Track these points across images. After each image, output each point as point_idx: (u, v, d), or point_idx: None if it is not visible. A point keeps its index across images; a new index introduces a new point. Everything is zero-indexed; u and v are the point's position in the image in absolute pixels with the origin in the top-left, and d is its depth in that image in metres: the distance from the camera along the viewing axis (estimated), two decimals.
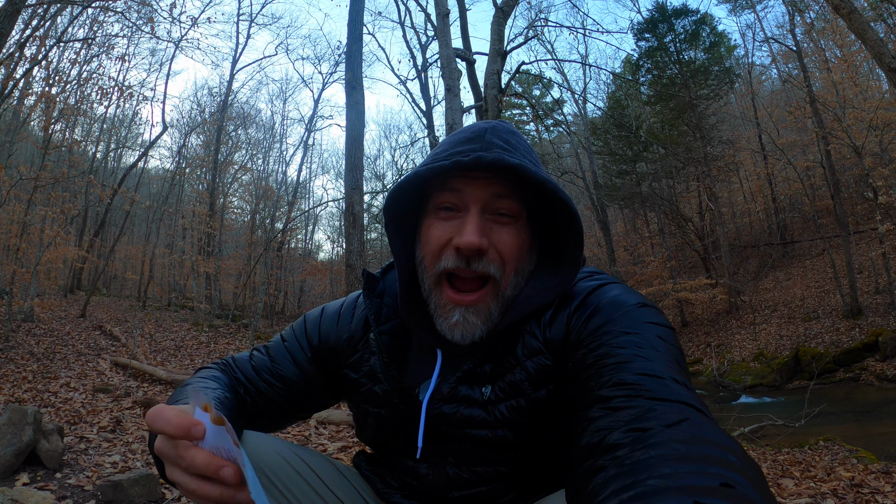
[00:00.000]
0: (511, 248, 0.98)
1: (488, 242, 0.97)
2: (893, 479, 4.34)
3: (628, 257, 32.53)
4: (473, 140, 0.99)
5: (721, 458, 0.57)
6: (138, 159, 25.48)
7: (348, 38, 8.71)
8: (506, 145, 0.98)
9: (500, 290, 0.99)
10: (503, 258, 0.98)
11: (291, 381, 1.18)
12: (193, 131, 29.30)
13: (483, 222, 0.97)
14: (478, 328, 0.98)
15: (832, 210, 22.49)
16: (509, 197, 0.98)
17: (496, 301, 0.99)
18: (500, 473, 1.02)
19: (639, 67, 26.79)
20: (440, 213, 1.01)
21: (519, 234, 1.00)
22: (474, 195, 0.98)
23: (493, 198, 0.98)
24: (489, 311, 0.99)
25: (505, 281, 0.99)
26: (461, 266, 0.97)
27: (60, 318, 16.48)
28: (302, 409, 1.24)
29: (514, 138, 1.02)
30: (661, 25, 25.17)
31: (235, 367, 1.21)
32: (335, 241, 40.20)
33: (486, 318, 0.99)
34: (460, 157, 0.95)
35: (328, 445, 4.82)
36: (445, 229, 1.00)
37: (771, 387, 15.67)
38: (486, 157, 0.93)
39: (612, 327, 0.89)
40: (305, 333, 1.21)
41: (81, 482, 3.21)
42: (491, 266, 0.97)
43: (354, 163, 8.16)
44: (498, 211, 0.98)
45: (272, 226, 27.16)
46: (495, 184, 0.97)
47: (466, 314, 0.98)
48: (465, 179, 0.98)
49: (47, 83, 15.98)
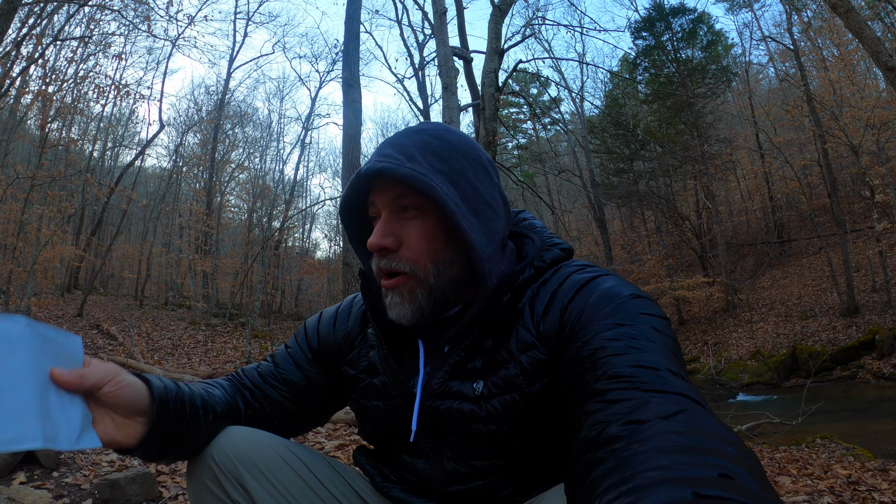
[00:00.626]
0: (417, 241, 1.02)
1: (397, 241, 1.02)
2: (890, 477, 4.35)
3: (625, 255, 32.55)
4: (374, 153, 1.05)
5: (719, 449, 0.57)
6: (135, 158, 25.49)
7: (345, 36, 8.72)
8: (392, 150, 1.02)
9: (419, 279, 1.02)
10: (413, 253, 1.02)
11: (296, 384, 1.21)
12: (190, 130, 29.27)
13: (391, 223, 1.03)
14: (405, 308, 1.02)
15: (829, 208, 22.56)
16: (407, 195, 1.01)
17: (421, 288, 1.02)
18: (498, 467, 1.02)
19: (636, 66, 26.81)
20: (375, 222, 1.07)
21: (425, 226, 1.02)
22: (381, 202, 1.03)
23: (394, 199, 1.02)
24: (413, 294, 1.02)
25: (423, 272, 1.02)
26: (380, 265, 1.03)
27: (57, 318, 16.46)
28: (311, 415, 1.27)
29: (410, 138, 1.05)
30: (658, 24, 25.19)
31: (243, 375, 1.25)
32: (332, 239, 40.16)
33: (411, 300, 1.02)
34: (358, 176, 1.03)
35: (325, 443, 4.82)
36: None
37: (768, 385, 15.72)
38: (362, 170, 1.01)
39: (607, 319, 0.89)
40: (306, 338, 1.26)
41: (78, 481, 3.20)
42: (398, 264, 1.02)
43: (352, 161, 8.17)
44: (404, 208, 1.02)
45: (269, 224, 27.17)
46: (393, 187, 1.02)
47: (393, 295, 1.03)
48: (375, 191, 1.04)
49: (44, 81, 15.97)
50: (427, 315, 1.04)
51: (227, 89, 28.88)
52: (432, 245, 1.03)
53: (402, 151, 1.01)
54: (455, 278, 1.05)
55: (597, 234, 28.11)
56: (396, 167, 0.98)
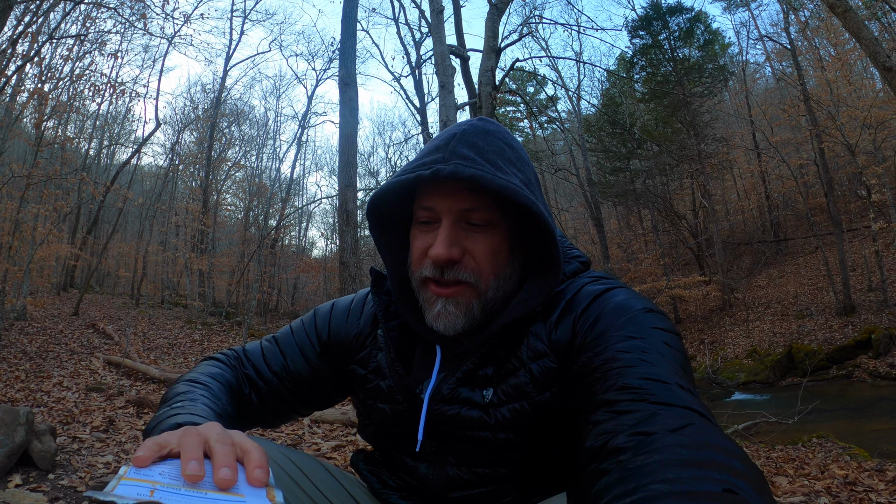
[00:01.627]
0: (484, 255, 1.00)
1: (462, 251, 0.99)
2: (887, 477, 4.36)
3: (622, 254, 32.62)
4: (440, 149, 0.99)
5: (724, 464, 0.57)
6: (131, 156, 25.45)
7: (342, 34, 8.70)
8: (470, 152, 0.98)
9: (479, 291, 1.00)
10: (478, 264, 1.00)
11: (300, 374, 1.20)
12: (187, 128, 29.19)
13: (456, 232, 0.99)
14: (459, 319, 1.00)
15: (825, 208, 22.59)
16: (479, 209, 0.99)
17: (477, 299, 1.01)
18: (501, 475, 1.02)
19: (633, 65, 26.84)
20: (420, 226, 1.04)
21: (493, 241, 1.01)
22: (445, 209, 0.99)
23: (463, 211, 0.99)
24: (469, 304, 1.00)
25: (484, 284, 1.00)
26: (437, 275, 1.00)
27: (53, 317, 16.43)
28: (308, 405, 1.26)
29: (484, 140, 1.01)
30: (655, 23, 25.22)
31: (246, 362, 1.22)
32: (329, 238, 40.24)
33: (466, 311, 1.00)
34: (422, 171, 0.96)
35: (322, 444, 4.81)
36: (425, 240, 1.02)
37: (764, 384, 15.75)
38: (443, 170, 0.94)
39: (618, 332, 0.89)
40: (315, 328, 1.23)
41: (74, 483, 3.19)
42: (464, 274, 0.99)
43: (348, 160, 8.16)
44: (470, 220, 1.00)
45: (266, 223, 27.15)
46: (463, 196, 0.98)
47: (447, 304, 1.00)
48: (435, 195, 1.00)
49: (39, 80, 15.89)
50: (474, 327, 1.02)
51: (223, 87, 28.82)
52: (498, 260, 1.02)
53: (483, 157, 0.98)
54: (509, 293, 1.04)
55: (593, 232, 28.16)
56: (491, 178, 0.93)
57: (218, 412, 0.98)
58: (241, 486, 0.70)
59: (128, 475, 0.67)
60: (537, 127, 30.40)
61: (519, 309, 1.00)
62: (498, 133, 1.03)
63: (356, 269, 8.01)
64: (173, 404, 0.96)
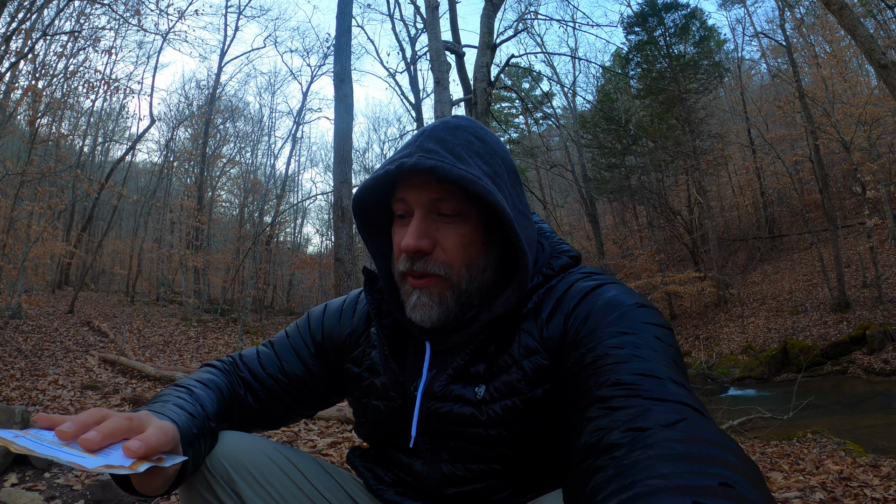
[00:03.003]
0: (454, 247, 1.01)
1: (432, 243, 1.00)
2: (882, 473, 4.37)
3: (617, 250, 32.65)
4: (409, 145, 1.02)
5: (720, 458, 0.57)
6: (126, 153, 25.28)
7: (337, 30, 8.69)
8: (435, 146, 0.99)
9: (451, 282, 1.01)
10: (448, 256, 1.01)
11: (297, 376, 1.20)
12: (181, 124, 29.17)
13: (426, 224, 1.01)
14: (433, 310, 1.01)
15: (820, 204, 22.62)
16: (447, 199, 1.00)
17: (450, 291, 1.02)
18: (495, 471, 1.02)
19: (628, 61, 26.85)
20: (398, 221, 1.06)
21: (463, 232, 1.02)
22: (416, 200, 1.01)
23: (432, 202, 1.00)
24: (442, 295, 1.01)
25: (456, 276, 1.01)
26: (409, 268, 1.01)
27: (48, 315, 16.40)
28: (306, 407, 1.26)
29: (452, 134, 1.02)
30: (650, 19, 25.22)
31: (242, 366, 1.22)
32: (324, 234, 40.25)
33: (440, 301, 1.01)
34: (389, 166, 0.98)
35: (318, 441, 4.81)
36: (401, 234, 1.04)
37: (759, 379, 15.79)
38: (407, 163, 0.96)
39: (610, 327, 0.89)
40: (309, 330, 1.24)
41: (70, 482, 3.19)
42: (433, 266, 1.00)
43: (343, 156, 8.15)
44: (440, 211, 1.01)
45: (261, 219, 27.07)
46: (430, 187, 0.99)
47: (421, 295, 1.01)
48: (407, 188, 1.01)
49: (33, 77, 15.83)
50: (451, 319, 1.03)
51: (218, 84, 28.77)
52: (469, 251, 1.02)
53: (447, 149, 0.99)
54: (484, 284, 1.05)
55: (588, 228, 28.17)
56: (450, 168, 0.95)
57: (189, 411, 0.97)
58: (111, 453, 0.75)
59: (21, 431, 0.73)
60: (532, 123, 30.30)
61: (502, 305, 1.01)
62: (469, 128, 1.04)
63: (351, 265, 8.01)
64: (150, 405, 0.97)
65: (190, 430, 0.92)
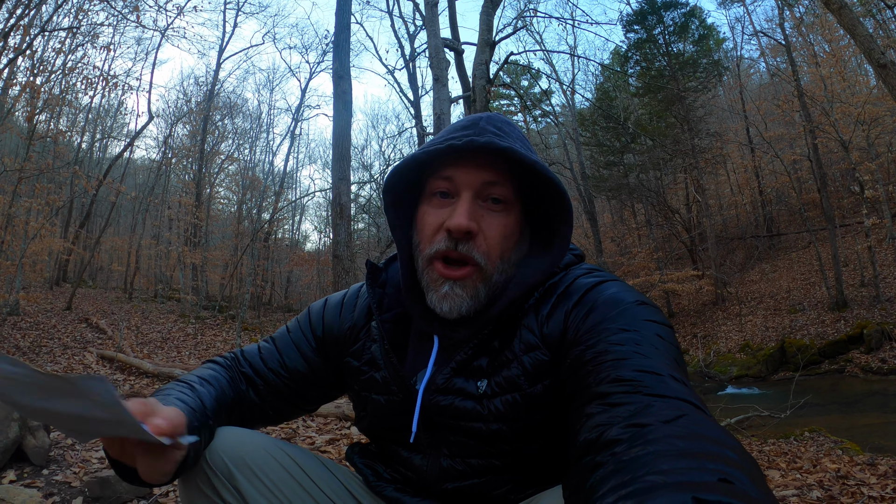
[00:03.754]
0: (497, 237, 1.01)
1: (478, 227, 1.00)
2: (879, 472, 4.38)
3: (615, 248, 32.67)
4: (469, 127, 1.02)
5: (719, 454, 0.57)
6: (124, 149, 25.32)
7: (336, 27, 8.66)
8: (498, 132, 1.00)
9: (486, 274, 1.01)
10: (489, 246, 1.01)
11: (298, 371, 1.21)
12: (180, 121, 29.10)
13: (474, 207, 1.01)
14: (465, 301, 1.01)
15: (819, 203, 22.68)
16: (501, 184, 1.01)
17: (483, 282, 1.02)
18: (494, 466, 1.03)
19: (627, 59, 26.85)
20: (434, 200, 1.05)
21: (507, 222, 1.02)
22: (467, 181, 1.01)
23: (485, 185, 1.01)
24: (476, 288, 1.01)
25: (491, 267, 1.01)
26: (450, 248, 1.00)
27: (46, 311, 16.38)
28: (308, 402, 1.27)
29: (508, 127, 1.04)
30: (650, 17, 25.22)
31: (243, 361, 1.23)
32: (322, 231, 40.06)
33: (473, 294, 1.01)
34: (454, 141, 0.98)
35: (316, 438, 4.81)
36: (439, 215, 1.03)
37: (756, 378, 15.84)
38: (478, 140, 0.96)
39: (611, 324, 0.89)
40: (310, 325, 1.24)
41: (68, 478, 3.18)
42: (476, 252, 1.00)
43: (342, 153, 8.13)
44: (490, 197, 1.01)
45: (259, 216, 27.04)
46: (487, 170, 1.00)
47: (454, 286, 1.01)
48: (457, 166, 1.01)
49: (31, 73, 15.79)
50: (477, 311, 1.03)
51: (216, 80, 28.71)
52: (508, 242, 1.03)
53: (509, 134, 1.00)
54: (509, 278, 1.05)
55: (587, 226, 28.11)
56: (526, 152, 0.96)
57: (191, 405, 0.98)
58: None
59: None
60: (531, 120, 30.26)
61: (515, 290, 1.02)
62: (516, 126, 1.07)
63: (350, 262, 8.00)
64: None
65: (191, 423, 0.93)
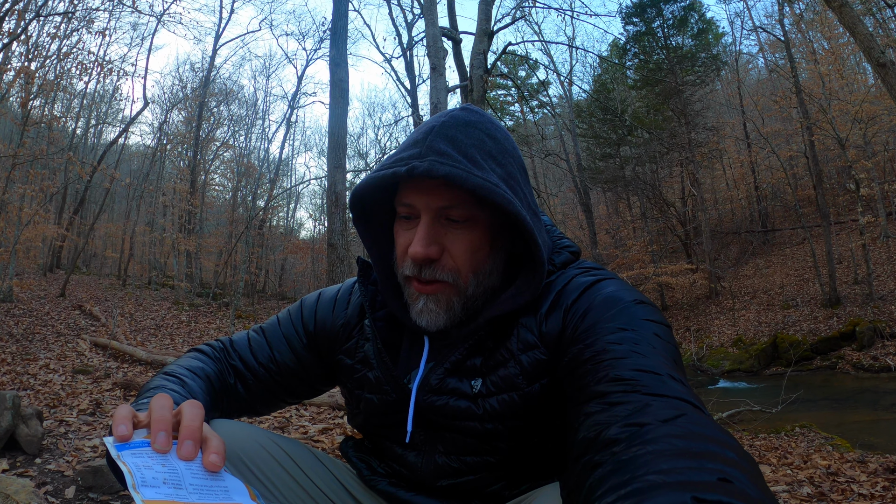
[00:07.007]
0: (463, 253, 0.99)
1: (440, 250, 0.98)
2: (869, 469, 4.40)
3: (610, 240, 32.75)
4: (418, 143, 0.97)
5: (718, 454, 0.56)
6: (119, 136, 25.12)
7: (333, 14, 8.64)
8: (447, 147, 0.95)
9: (459, 289, 1.00)
10: (456, 263, 0.99)
11: (287, 366, 1.19)
12: (175, 107, 28.88)
13: (435, 230, 0.98)
14: (440, 316, 1.00)
15: (814, 200, 22.75)
16: (457, 206, 0.97)
17: (457, 297, 1.00)
18: (489, 463, 1.02)
19: (626, 51, 26.87)
20: (402, 221, 1.03)
21: (472, 237, 0.99)
22: (424, 205, 0.97)
23: (445, 209, 0.97)
24: (450, 302, 1.00)
25: (463, 282, 1.00)
26: (416, 274, 0.99)
27: (40, 298, 16.32)
28: (296, 396, 1.26)
29: (464, 132, 0.98)
30: (649, 10, 25.19)
31: (233, 352, 1.21)
32: (317, 219, 40.11)
33: (447, 308, 1.00)
34: (398, 168, 0.94)
35: (309, 427, 4.81)
36: (406, 237, 1.01)
37: (748, 372, 15.91)
38: (419, 167, 0.92)
39: (609, 323, 0.88)
40: (302, 319, 1.22)
41: (61, 467, 3.18)
42: (441, 273, 0.98)
43: (338, 141, 8.13)
44: (449, 217, 0.98)
45: (254, 203, 26.99)
46: (441, 191, 0.96)
47: (428, 302, 1.00)
48: (412, 191, 0.98)
49: (26, 58, 15.66)
50: (456, 323, 1.02)
51: (212, 66, 28.49)
52: (477, 256, 1.00)
53: (460, 151, 0.95)
54: (490, 287, 1.04)
55: (582, 218, 28.22)
56: (466, 175, 0.91)
57: None
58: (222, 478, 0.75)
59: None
60: (528, 111, 30.26)
61: (509, 304, 1.00)
62: (479, 124, 1.00)
63: (344, 250, 8.00)
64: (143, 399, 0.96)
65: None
